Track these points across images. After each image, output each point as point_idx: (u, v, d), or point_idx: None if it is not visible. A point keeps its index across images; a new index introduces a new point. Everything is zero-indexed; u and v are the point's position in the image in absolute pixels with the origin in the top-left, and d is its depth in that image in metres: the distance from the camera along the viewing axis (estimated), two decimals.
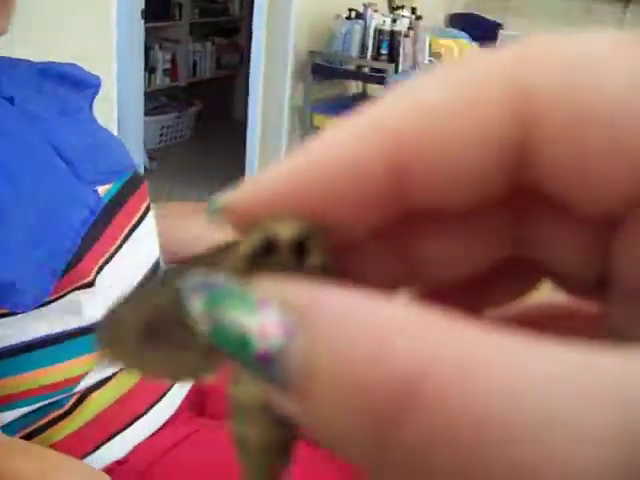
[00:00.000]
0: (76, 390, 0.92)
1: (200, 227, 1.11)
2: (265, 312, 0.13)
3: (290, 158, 0.15)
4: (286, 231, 0.15)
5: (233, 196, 0.16)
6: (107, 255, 0.94)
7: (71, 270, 0.87)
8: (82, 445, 0.93)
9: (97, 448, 0.94)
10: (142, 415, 0.97)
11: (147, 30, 3.53)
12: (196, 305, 0.14)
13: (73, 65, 1.08)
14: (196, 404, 1.08)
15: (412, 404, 0.12)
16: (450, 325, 0.12)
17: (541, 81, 0.14)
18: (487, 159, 0.14)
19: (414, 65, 3.50)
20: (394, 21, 3.51)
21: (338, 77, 3.80)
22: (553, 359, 0.11)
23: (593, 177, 0.14)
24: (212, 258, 0.17)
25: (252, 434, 0.16)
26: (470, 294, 0.17)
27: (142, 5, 3.25)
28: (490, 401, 0.11)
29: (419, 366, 0.12)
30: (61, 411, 0.92)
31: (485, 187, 0.15)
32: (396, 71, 3.39)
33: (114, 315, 0.17)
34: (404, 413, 0.12)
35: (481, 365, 0.12)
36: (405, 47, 3.45)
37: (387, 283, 0.17)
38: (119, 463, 0.94)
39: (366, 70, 3.57)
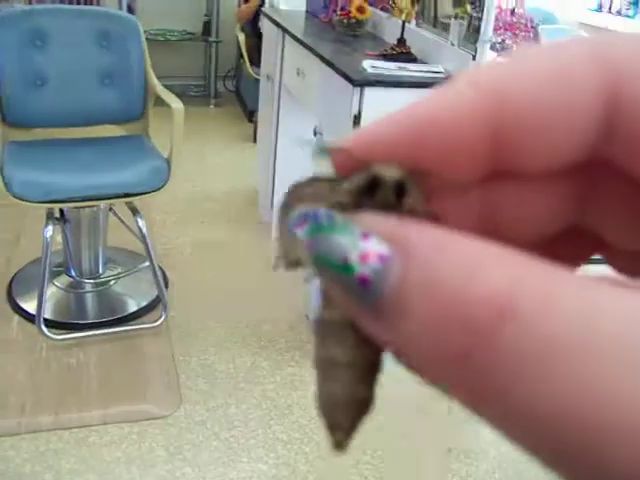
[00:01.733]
0: None
1: None
2: (366, 242, 0.15)
3: (401, 110, 0.17)
4: (390, 173, 0.17)
5: (341, 140, 0.18)
6: None
7: None
8: None
9: None
10: None
11: None
12: (301, 232, 0.16)
13: None
14: None
15: (506, 319, 0.13)
16: (533, 261, 0.14)
17: (627, 59, 0.15)
18: (576, 129, 0.16)
19: None
20: None
21: None
22: (629, 301, 0.13)
23: None
24: (318, 190, 0.18)
25: (339, 353, 0.18)
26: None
27: None
28: (569, 323, 0.13)
29: (510, 286, 0.14)
30: None
31: (570, 155, 0.17)
32: None
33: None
34: (496, 326, 0.13)
35: (562, 295, 0.13)
36: None
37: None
38: None
39: None
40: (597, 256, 0.21)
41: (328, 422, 0.19)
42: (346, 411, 0.19)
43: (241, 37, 4.63)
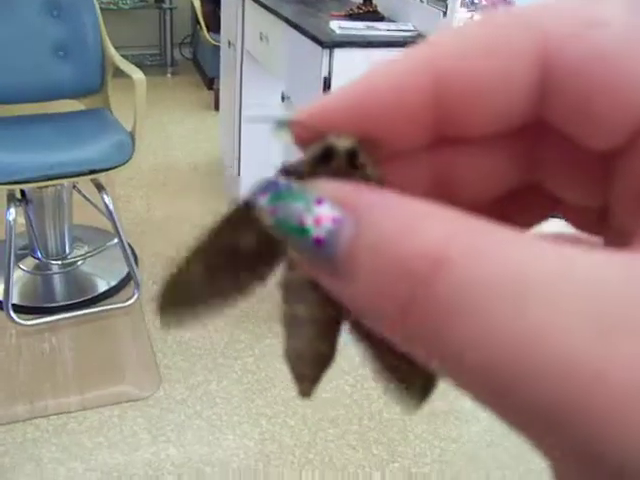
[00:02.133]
0: None
1: None
2: (320, 207, 0.17)
3: (349, 84, 0.18)
4: (342, 142, 0.18)
5: (297, 114, 0.18)
6: None
7: None
8: None
9: None
10: None
11: None
12: (263, 200, 0.18)
13: None
14: None
15: (438, 269, 0.15)
16: (470, 218, 0.15)
17: (558, 29, 0.16)
18: (512, 93, 0.17)
19: None
20: None
21: None
22: (550, 253, 0.14)
23: (599, 111, 0.16)
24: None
25: (301, 310, 0.20)
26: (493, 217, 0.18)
27: None
28: (500, 270, 0.14)
29: (445, 239, 0.15)
30: None
31: (508, 118, 0.18)
32: None
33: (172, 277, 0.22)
34: (430, 276, 0.15)
35: (494, 245, 0.15)
36: None
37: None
38: None
39: None
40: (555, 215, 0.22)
41: (294, 374, 0.22)
42: (310, 364, 0.22)
43: (196, 3, 4.51)
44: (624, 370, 0.13)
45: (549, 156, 0.20)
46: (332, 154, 0.18)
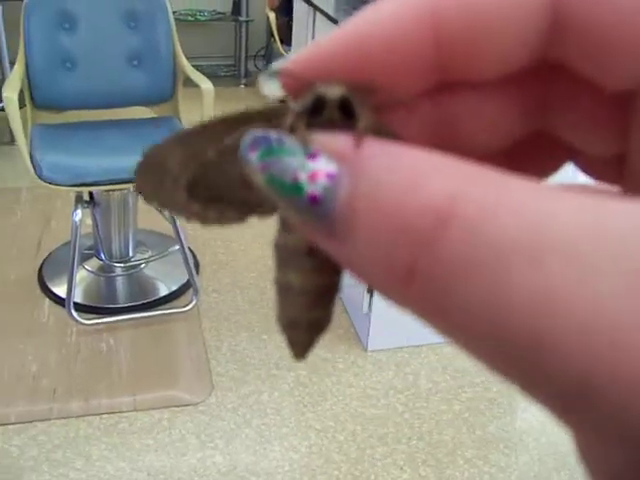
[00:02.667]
0: None
1: None
2: (315, 161, 0.15)
3: (341, 28, 0.17)
4: (334, 91, 0.17)
5: (288, 63, 0.17)
6: None
7: None
8: None
9: None
10: None
11: None
12: (253, 156, 0.16)
13: None
14: None
15: (447, 222, 0.13)
16: (482, 169, 0.14)
17: None
18: (521, 30, 0.15)
19: None
20: None
21: None
22: (571, 203, 0.13)
23: (615, 51, 0.15)
24: (266, 115, 0.18)
25: (295, 279, 0.19)
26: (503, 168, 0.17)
27: None
28: (514, 226, 0.13)
29: (452, 193, 0.14)
30: None
31: (517, 59, 0.16)
32: None
33: (158, 152, 0.20)
34: (436, 234, 0.14)
35: (509, 200, 0.13)
36: None
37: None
38: None
39: None
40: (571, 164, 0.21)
41: (288, 339, 0.21)
42: (305, 331, 0.21)
43: (271, 16, 4.57)
44: None
45: (562, 101, 0.19)
46: (323, 104, 0.17)
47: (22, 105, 2.31)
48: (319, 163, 0.15)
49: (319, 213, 0.15)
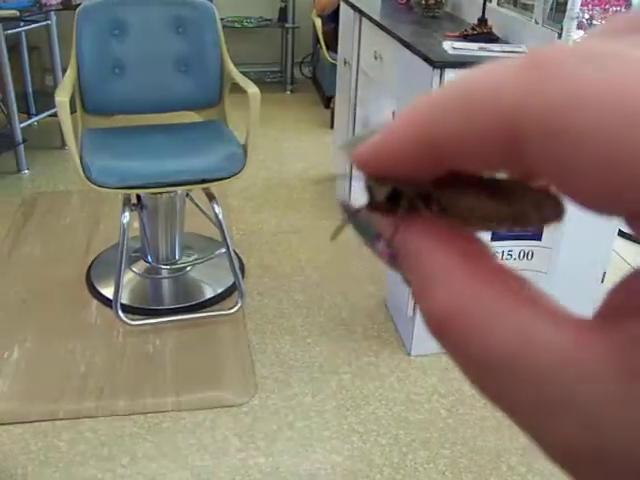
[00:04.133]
0: None
1: None
2: (379, 243, 0.22)
3: (378, 136, 0.21)
4: (381, 190, 0.22)
5: (353, 154, 0.22)
6: None
7: None
8: None
9: None
10: None
11: None
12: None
13: None
14: None
15: (444, 331, 0.19)
16: (476, 284, 0.19)
17: (534, 120, 0.17)
18: (488, 160, 0.19)
19: None
20: None
21: None
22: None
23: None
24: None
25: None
26: None
27: None
28: (483, 346, 0.18)
29: (448, 309, 0.19)
30: None
31: (488, 171, 0.21)
32: None
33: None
34: (441, 334, 0.19)
35: (488, 322, 0.18)
36: None
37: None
38: None
39: None
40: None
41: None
42: None
43: (318, 22, 4.59)
44: None
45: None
46: (395, 196, 0.22)
47: (73, 110, 2.36)
48: (381, 245, 0.22)
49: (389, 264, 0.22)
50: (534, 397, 0.17)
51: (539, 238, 2.16)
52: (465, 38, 2.41)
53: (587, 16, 2.13)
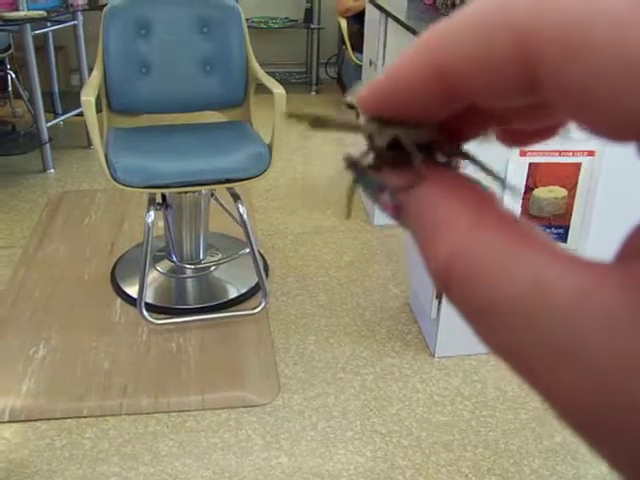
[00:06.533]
0: None
1: None
2: (383, 195, 0.21)
3: (383, 75, 0.20)
4: (411, 134, 0.21)
5: (356, 96, 0.21)
6: None
7: None
8: None
9: None
10: None
11: None
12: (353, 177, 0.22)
13: None
14: None
15: (449, 278, 0.18)
16: (482, 228, 0.18)
17: (541, 31, 0.16)
18: (502, 86, 0.17)
19: None
20: None
21: None
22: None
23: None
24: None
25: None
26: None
27: None
28: (490, 290, 0.17)
29: (453, 253, 0.18)
30: None
31: (501, 101, 0.18)
32: None
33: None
34: (446, 282, 0.18)
35: (496, 264, 0.17)
36: None
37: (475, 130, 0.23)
38: None
39: None
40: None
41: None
42: None
43: (343, 23, 4.59)
44: None
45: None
46: (398, 143, 0.21)
47: (99, 110, 2.37)
48: (385, 197, 0.21)
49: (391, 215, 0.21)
50: (544, 345, 0.16)
51: (564, 240, 2.14)
52: None
53: None
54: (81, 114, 2.37)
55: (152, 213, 2.42)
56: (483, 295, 0.17)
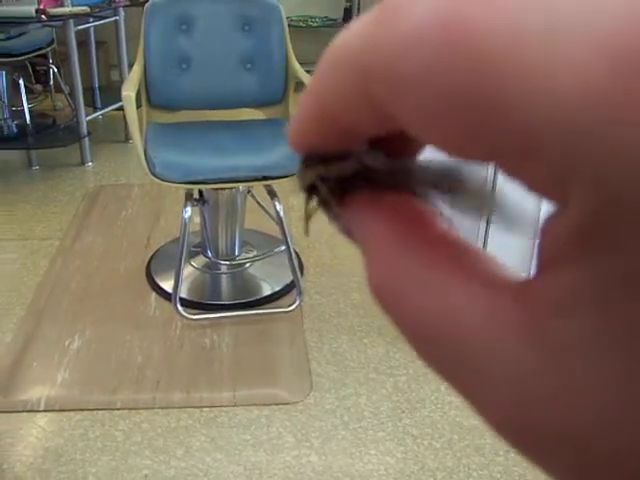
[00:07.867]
0: None
1: None
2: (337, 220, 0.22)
3: (302, 102, 0.19)
4: (331, 170, 0.20)
5: (288, 132, 0.21)
6: None
7: None
8: None
9: None
10: None
11: None
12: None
13: None
14: None
15: (380, 306, 0.18)
16: (407, 255, 0.18)
17: (376, 66, 0.15)
18: (363, 116, 0.17)
19: None
20: None
21: None
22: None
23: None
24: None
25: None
26: None
27: None
28: (409, 317, 0.17)
29: (378, 283, 0.19)
30: None
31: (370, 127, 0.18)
32: None
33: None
34: (380, 306, 0.18)
35: (412, 293, 0.17)
36: None
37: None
38: None
39: None
40: None
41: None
42: None
43: None
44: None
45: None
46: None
47: (139, 105, 2.39)
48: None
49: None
50: (464, 368, 0.16)
51: None
52: None
53: None
54: (120, 109, 2.40)
55: (189, 209, 2.43)
56: (405, 322, 0.17)
